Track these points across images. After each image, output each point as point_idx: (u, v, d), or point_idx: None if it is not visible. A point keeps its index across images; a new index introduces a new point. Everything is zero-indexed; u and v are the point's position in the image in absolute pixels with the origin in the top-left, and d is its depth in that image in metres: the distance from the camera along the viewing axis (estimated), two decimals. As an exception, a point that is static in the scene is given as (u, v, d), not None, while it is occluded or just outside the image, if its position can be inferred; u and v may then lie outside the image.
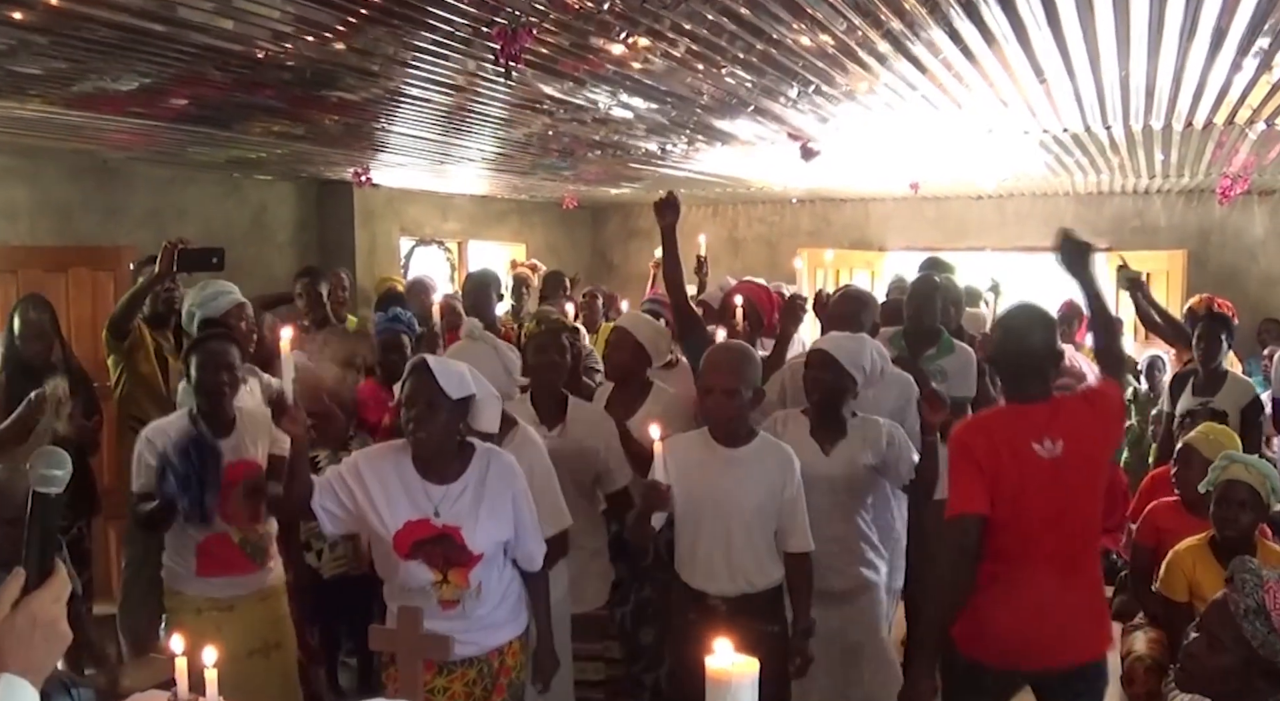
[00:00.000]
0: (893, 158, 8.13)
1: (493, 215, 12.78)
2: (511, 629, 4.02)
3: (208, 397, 4.58)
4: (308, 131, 6.61)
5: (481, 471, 3.87)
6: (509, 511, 3.88)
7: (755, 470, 4.26)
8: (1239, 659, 2.77)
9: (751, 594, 4.24)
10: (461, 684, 3.90)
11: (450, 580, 3.80)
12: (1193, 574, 4.75)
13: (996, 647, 3.91)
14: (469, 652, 3.88)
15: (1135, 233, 11.68)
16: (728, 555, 4.23)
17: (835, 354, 4.68)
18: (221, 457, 4.54)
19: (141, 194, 8.75)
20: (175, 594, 4.63)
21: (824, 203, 13.08)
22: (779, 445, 4.39)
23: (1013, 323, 4.09)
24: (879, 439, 4.69)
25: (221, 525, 4.57)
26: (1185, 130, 6.48)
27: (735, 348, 4.49)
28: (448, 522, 3.77)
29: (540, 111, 5.83)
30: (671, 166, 8.61)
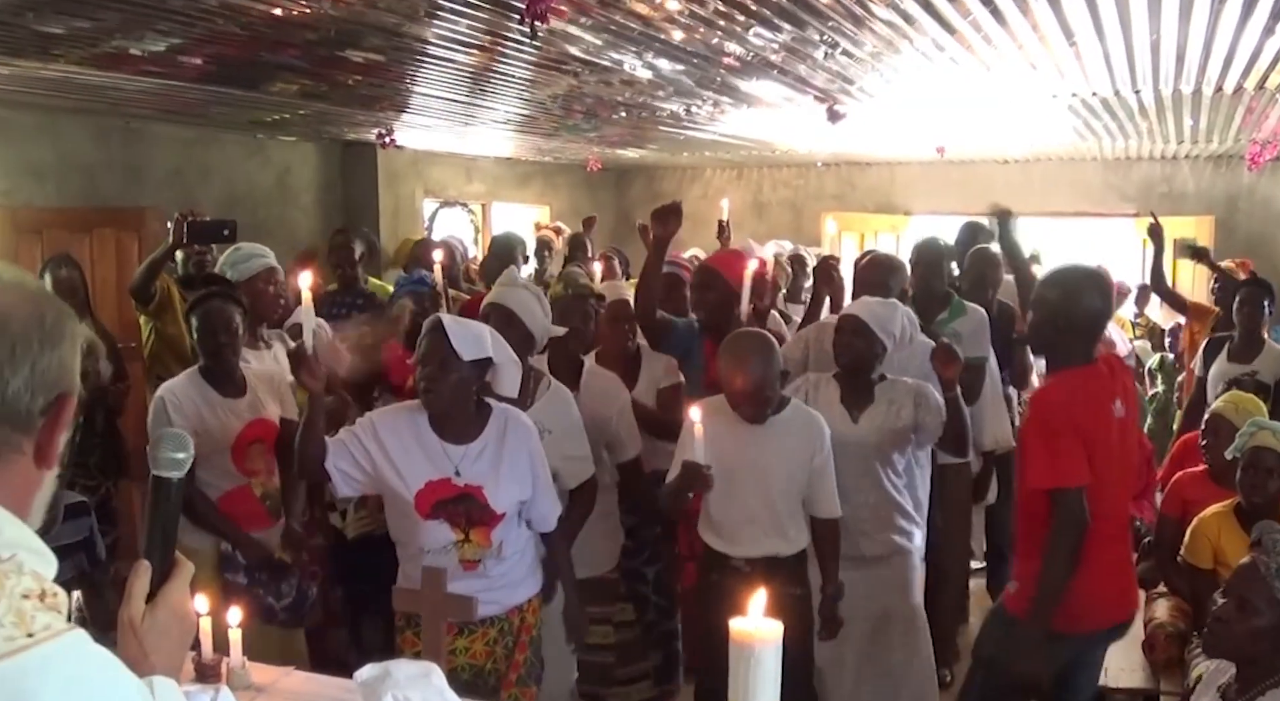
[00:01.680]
0: (919, 121, 8.07)
1: (517, 177, 12.76)
2: (529, 586, 4.04)
3: (210, 357, 4.60)
4: (331, 91, 6.60)
5: (500, 431, 3.86)
6: (527, 471, 3.89)
7: (785, 439, 4.26)
8: (1271, 620, 2.77)
9: (776, 558, 4.24)
10: (483, 643, 3.91)
11: (472, 539, 3.80)
12: (1218, 541, 4.74)
13: (1078, 612, 3.88)
14: (490, 612, 3.88)
15: (1163, 198, 11.59)
16: (754, 520, 4.24)
17: (867, 320, 4.66)
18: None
19: (165, 155, 8.75)
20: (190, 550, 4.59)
21: (849, 166, 13.01)
22: (810, 413, 4.38)
23: (1074, 283, 3.97)
24: (907, 400, 4.68)
25: (243, 478, 4.59)
26: (1215, 95, 6.42)
27: (754, 343, 4.33)
28: (469, 482, 3.77)
29: (565, 72, 5.81)
30: (696, 129, 8.57)
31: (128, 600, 1.70)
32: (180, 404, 4.49)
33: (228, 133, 9.16)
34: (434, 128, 8.62)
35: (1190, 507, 5.05)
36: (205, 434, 4.48)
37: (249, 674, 3.48)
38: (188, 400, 4.51)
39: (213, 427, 4.52)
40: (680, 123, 8.11)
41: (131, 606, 1.69)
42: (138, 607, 1.69)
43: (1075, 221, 12.11)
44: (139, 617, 1.68)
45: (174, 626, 1.71)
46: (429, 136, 9.42)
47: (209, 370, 4.61)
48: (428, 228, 11.21)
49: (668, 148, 10.61)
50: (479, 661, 3.91)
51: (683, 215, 5.40)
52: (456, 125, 8.40)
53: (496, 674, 3.95)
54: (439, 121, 8.15)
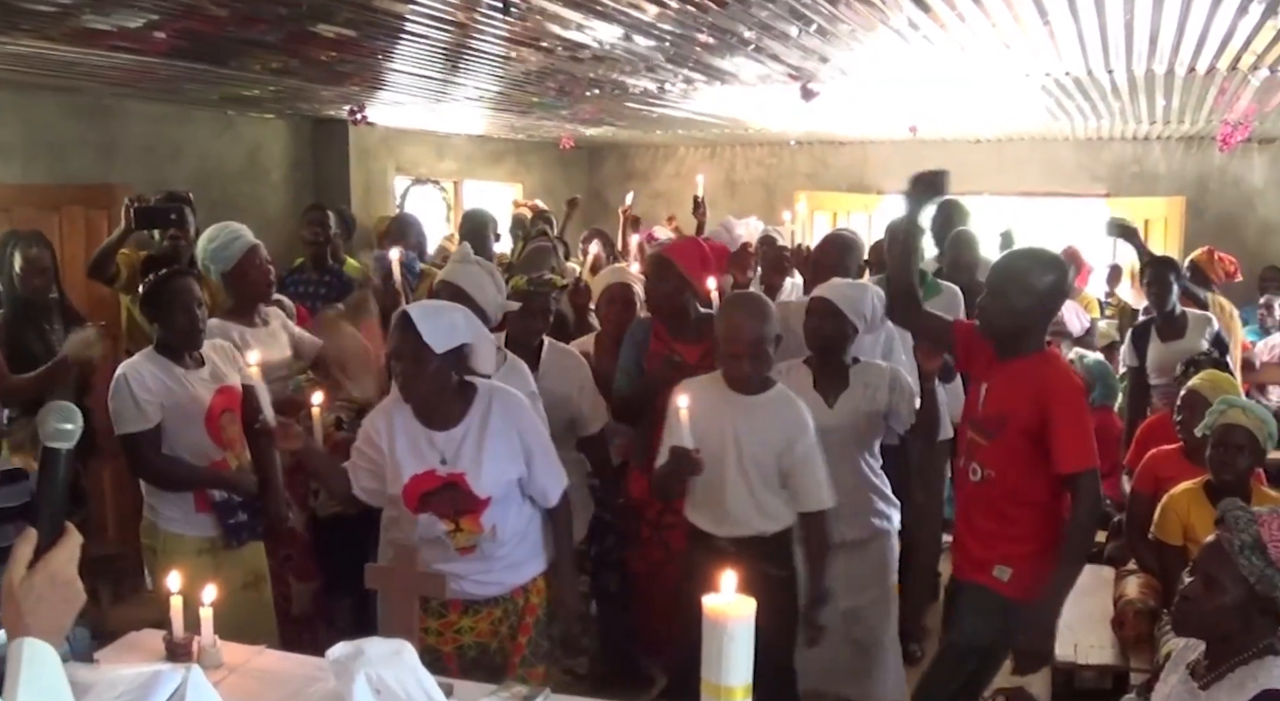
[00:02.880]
0: (892, 100, 8.07)
1: (489, 155, 12.71)
2: (534, 566, 4.05)
3: (182, 334, 4.54)
4: (303, 68, 6.54)
5: (484, 411, 3.85)
6: (517, 448, 3.87)
7: (770, 419, 4.26)
8: (1238, 597, 2.78)
9: (760, 537, 4.25)
10: (488, 623, 3.94)
11: (463, 527, 3.81)
12: (1188, 517, 4.77)
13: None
14: (492, 592, 3.92)
15: (1134, 179, 11.65)
16: (738, 499, 4.24)
17: (838, 302, 4.67)
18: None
19: (135, 131, 8.66)
20: (173, 537, 4.56)
21: (822, 145, 13.02)
22: (794, 401, 4.37)
23: (1059, 266, 4.05)
24: (881, 384, 4.70)
25: (220, 452, 4.57)
26: (1187, 76, 6.43)
27: (753, 308, 4.33)
28: (453, 470, 3.77)
29: (538, 48, 5.77)
30: (669, 106, 8.55)
31: (10, 564, 1.76)
32: (144, 380, 4.43)
33: (198, 109, 9.08)
34: (406, 105, 8.57)
35: (1163, 484, 5.09)
36: (175, 407, 4.46)
37: (220, 652, 3.48)
38: (151, 376, 4.45)
39: (183, 400, 4.48)
40: (653, 100, 8.08)
41: (13, 571, 1.75)
42: (18, 572, 1.75)
43: (1047, 201, 12.14)
44: (17, 582, 1.75)
45: (51, 592, 1.76)
46: (401, 113, 9.37)
47: (165, 346, 4.55)
48: (399, 205, 11.17)
49: (641, 126, 10.59)
50: (485, 640, 3.95)
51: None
52: (429, 102, 8.35)
53: (503, 653, 3.98)
54: (411, 98, 8.11)
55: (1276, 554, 2.73)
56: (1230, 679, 2.78)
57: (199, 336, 4.60)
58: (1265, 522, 2.78)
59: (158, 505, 4.58)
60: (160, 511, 4.57)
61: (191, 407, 4.51)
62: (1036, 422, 3.85)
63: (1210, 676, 2.85)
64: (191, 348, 4.59)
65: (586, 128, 10.92)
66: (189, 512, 4.55)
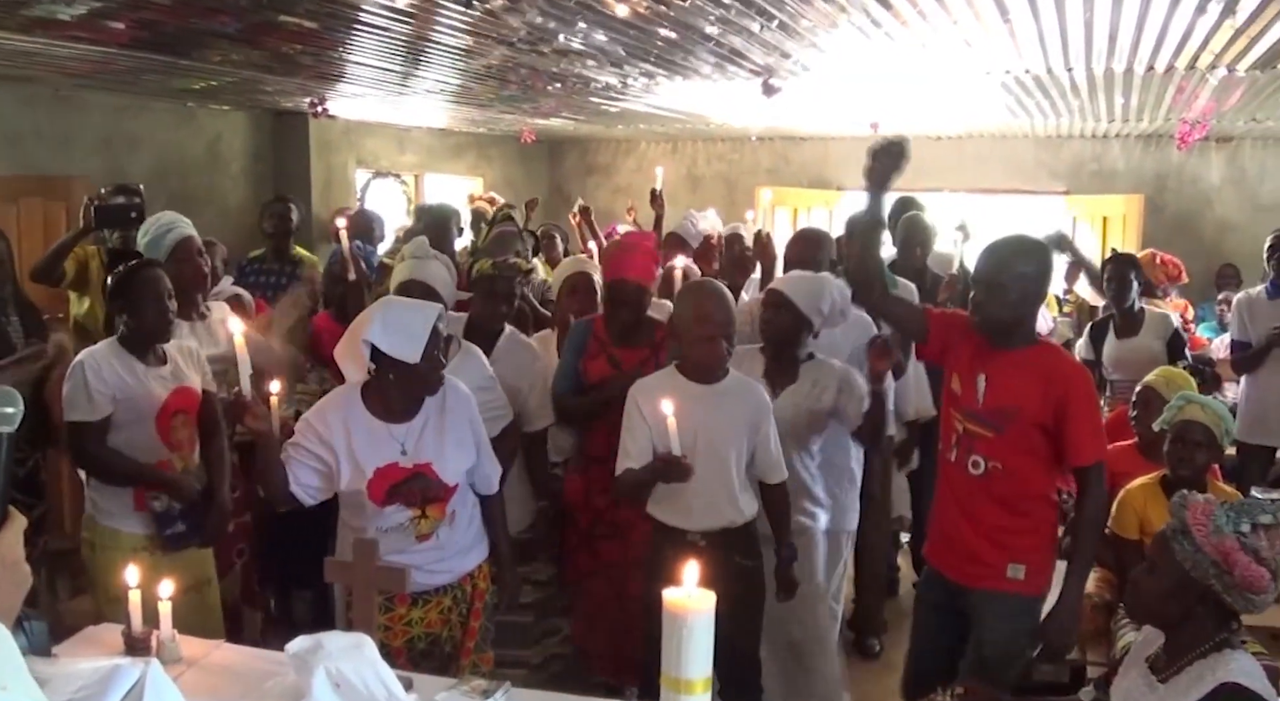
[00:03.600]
0: (854, 96, 8.09)
1: (450, 148, 12.70)
2: (479, 552, 4.09)
3: (154, 328, 4.49)
4: (264, 59, 6.51)
5: (439, 402, 3.89)
6: (470, 437, 3.93)
7: (730, 407, 4.26)
8: (1174, 582, 2.82)
9: (729, 529, 4.26)
10: (438, 612, 3.95)
11: (429, 515, 3.83)
12: (1144, 512, 4.80)
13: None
14: (443, 580, 3.94)
15: (1093, 176, 11.74)
16: (707, 492, 4.22)
17: (792, 296, 4.66)
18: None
19: (94, 122, 8.62)
20: (110, 532, 4.48)
21: (784, 141, 13.07)
22: (751, 384, 4.41)
23: (1043, 254, 4.03)
24: (831, 384, 4.69)
25: (166, 452, 4.52)
26: (1146, 74, 6.47)
27: (717, 291, 4.37)
28: (417, 460, 3.79)
29: (500, 42, 5.76)
30: (631, 101, 8.55)
31: None
32: (100, 371, 4.36)
33: (158, 101, 9.03)
34: (367, 97, 8.54)
35: (1119, 480, 5.11)
36: (128, 402, 4.39)
37: (179, 647, 3.46)
38: (107, 366, 4.38)
39: (138, 396, 4.41)
40: (615, 95, 8.08)
41: None
42: None
43: (1006, 198, 12.19)
44: None
45: (0, 576, 1.76)
46: (362, 106, 9.34)
47: (129, 339, 4.48)
48: (360, 198, 11.13)
49: (602, 120, 10.58)
50: (435, 630, 3.96)
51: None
52: (390, 95, 8.33)
53: (453, 641, 4.00)
54: (372, 91, 8.08)
55: (1200, 537, 2.76)
56: (1188, 672, 2.81)
57: (168, 329, 4.54)
58: (1193, 507, 2.83)
59: (97, 498, 4.50)
60: (99, 505, 4.48)
61: (144, 404, 4.44)
62: (1050, 415, 3.82)
63: (1169, 670, 2.87)
64: (160, 340, 4.53)
65: (548, 122, 10.91)
66: (127, 509, 4.46)
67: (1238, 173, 11.47)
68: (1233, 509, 2.80)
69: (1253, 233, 10.83)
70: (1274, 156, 11.32)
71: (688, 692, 2.26)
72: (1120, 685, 3.09)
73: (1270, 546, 2.75)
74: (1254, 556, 2.73)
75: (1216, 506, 2.81)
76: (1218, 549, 2.74)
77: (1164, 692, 2.86)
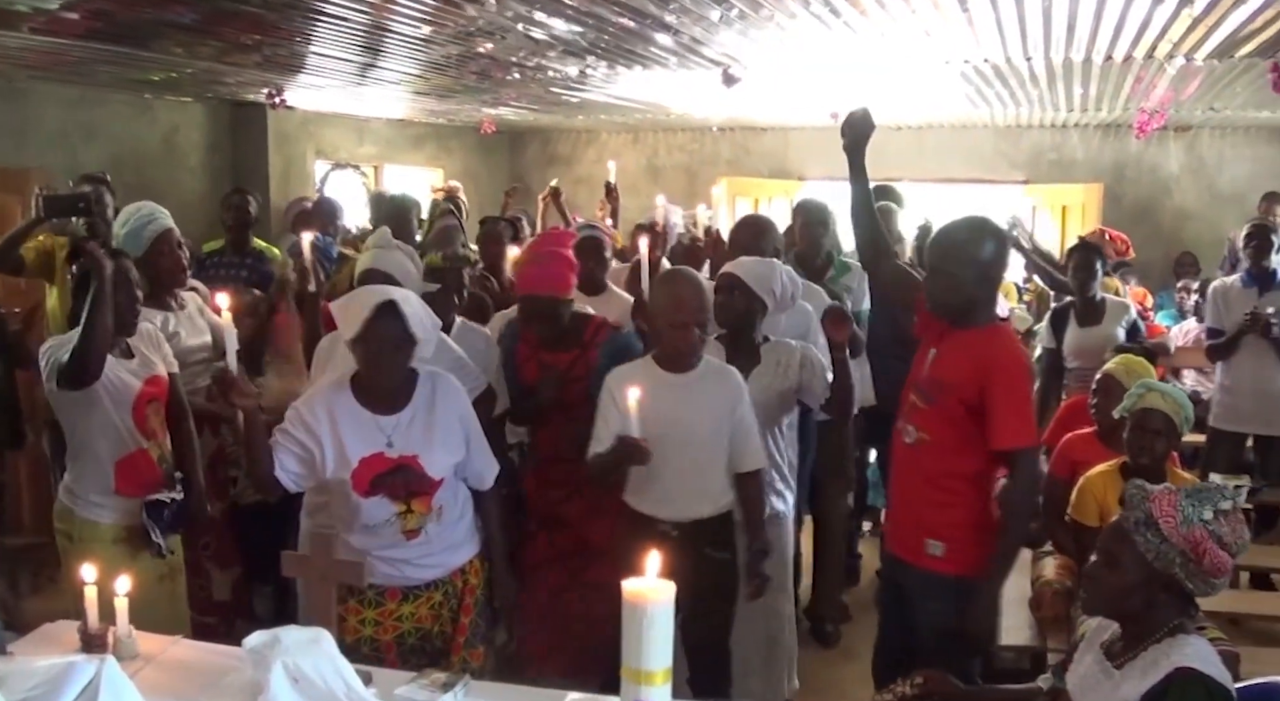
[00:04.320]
0: (814, 87, 8.09)
1: (409, 139, 12.65)
2: (470, 548, 4.05)
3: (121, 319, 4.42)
4: (221, 50, 6.46)
5: (428, 396, 3.85)
6: (459, 432, 3.89)
7: (706, 394, 4.25)
8: (1138, 575, 2.81)
9: (702, 520, 4.24)
10: (428, 607, 3.92)
11: (414, 509, 3.79)
12: (1104, 499, 4.82)
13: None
14: (433, 575, 3.92)
15: (1052, 166, 11.79)
16: (681, 481, 4.22)
17: (744, 277, 4.67)
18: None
19: (50, 115, 8.54)
20: (89, 524, 4.41)
21: (744, 131, 13.07)
22: (725, 368, 4.40)
23: (998, 235, 4.02)
24: (792, 362, 4.70)
25: (143, 441, 4.48)
26: (1105, 63, 6.50)
27: (692, 279, 4.38)
28: (403, 453, 3.76)
29: (459, 31, 5.73)
30: (591, 91, 8.53)
31: None
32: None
33: (114, 92, 8.95)
34: (325, 88, 8.49)
35: (1079, 468, 5.14)
36: (103, 389, 4.33)
37: (136, 643, 3.43)
38: None
39: (113, 386, 4.35)
40: (575, 85, 8.06)
41: None
42: None
43: (966, 188, 12.23)
44: None
45: None
46: (320, 97, 9.29)
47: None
48: (319, 190, 11.07)
49: (562, 111, 10.56)
50: (425, 625, 3.94)
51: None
52: (348, 85, 8.29)
53: (444, 637, 3.98)
54: (330, 82, 8.04)
55: (1168, 529, 2.76)
56: (1143, 657, 2.81)
57: (135, 319, 4.49)
58: (1156, 499, 2.82)
59: (75, 487, 4.45)
60: (78, 494, 4.42)
61: (119, 394, 4.36)
62: (975, 395, 3.83)
63: (1124, 656, 2.88)
64: (125, 333, 4.47)
65: (508, 112, 10.87)
66: (107, 493, 4.40)
67: (1196, 161, 11.55)
68: (1195, 496, 2.81)
69: (1211, 221, 10.94)
70: (1232, 145, 11.41)
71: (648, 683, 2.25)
72: (1075, 670, 3.09)
73: (1232, 531, 2.76)
74: (1219, 543, 2.74)
75: (1180, 496, 2.81)
76: (1187, 539, 2.74)
77: (1119, 678, 2.86)
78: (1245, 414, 6.94)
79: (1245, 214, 10.14)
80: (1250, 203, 10.10)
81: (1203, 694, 2.66)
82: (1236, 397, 6.98)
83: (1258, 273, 6.96)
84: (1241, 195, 10.90)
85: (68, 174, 7.99)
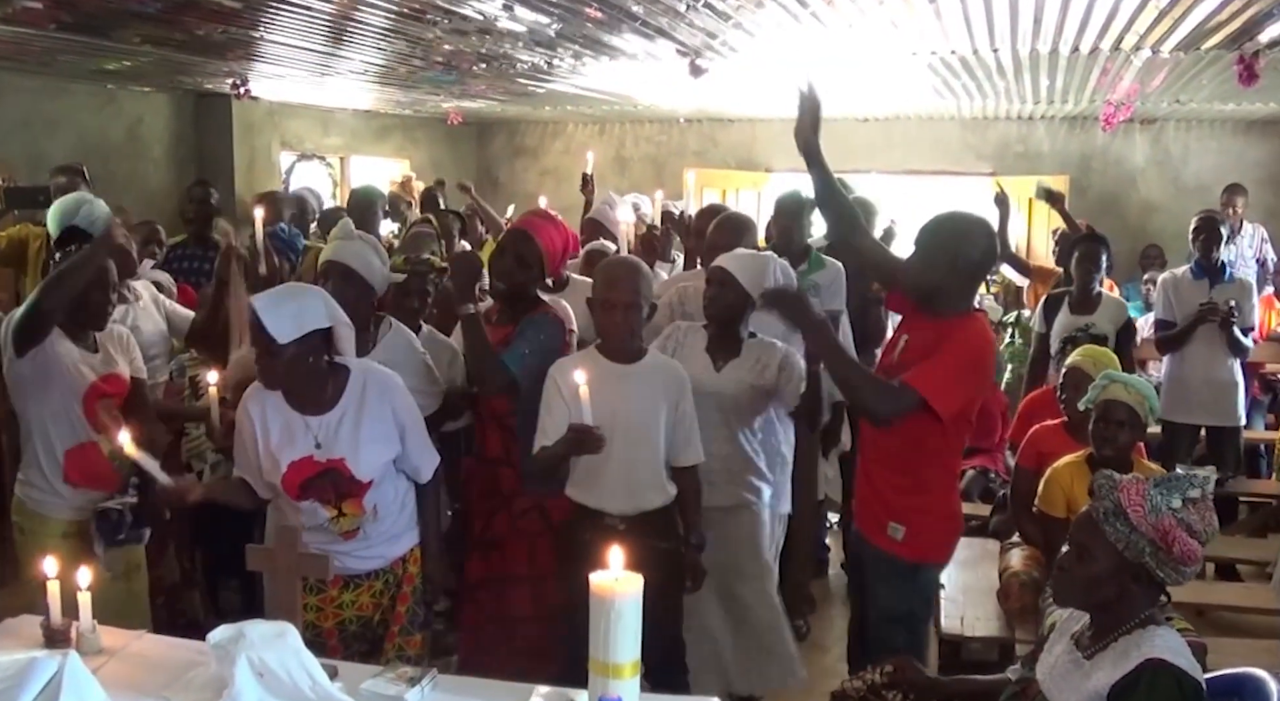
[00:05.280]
0: (781, 78, 8.08)
1: (375, 130, 12.60)
2: (410, 537, 4.04)
3: (94, 313, 4.40)
4: (184, 39, 6.41)
5: (358, 393, 3.80)
6: (391, 428, 3.84)
7: (649, 386, 4.24)
8: (1109, 565, 2.82)
9: (648, 511, 4.24)
10: (369, 595, 3.92)
11: (346, 512, 3.77)
12: (1071, 490, 4.83)
13: (950, 544, 4.14)
14: (373, 565, 3.91)
15: (1018, 158, 11.82)
16: (627, 473, 4.21)
17: (735, 272, 4.66)
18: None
19: (11, 105, 8.46)
20: (39, 517, 4.39)
21: (711, 123, 13.06)
22: (669, 362, 4.40)
23: (963, 228, 4.01)
24: (771, 363, 4.69)
25: (92, 434, 4.44)
26: (1071, 55, 6.52)
27: (629, 262, 4.44)
28: (330, 456, 3.72)
29: (424, 21, 5.70)
30: (558, 82, 8.51)
31: None
32: None
33: (77, 82, 8.88)
34: (290, 78, 8.44)
35: (1046, 459, 5.15)
36: (57, 378, 4.29)
37: (99, 638, 3.39)
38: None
39: (66, 372, 4.31)
40: (541, 75, 8.04)
41: None
42: None
43: (933, 180, 12.25)
44: None
45: None
46: (285, 87, 9.23)
47: (65, 322, 4.36)
48: (285, 181, 11.02)
49: (529, 101, 10.53)
50: (366, 613, 3.94)
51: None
52: (314, 76, 8.24)
53: (385, 624, 3.98)
54: (295, 72, 7.99)
55: (1137, 518, 2.77)
56: (1114, 648, 2.81)
57: (107, 315, 4.47)
58: (1124, 488, 2.82)
59: (26, 474, 4.41)
60: (29, 483, 4.39)
61: (71, 383, 4.33)
62: None
63: (1094, 647, 2.88)
64: (96, 327, 4.45)
65: (475, 103, 10.84)
66: (55, 482, 4.36)
67: (1162, 154, 11.60)
68: (1163, 486, 2.81)
69: (1176, 213, 10.97)
70: (1197, 138, 11.47)
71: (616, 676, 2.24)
72: (1045, 661, 3.09)
73: (1201, 519, 2.77)
74: (1188, 531, 2.74)
75: (1148, 485, 2.82)
76: (1155, 528, 2.75)
77: (1089, 669, 2.86)
78: (1196, 405, 6.99)
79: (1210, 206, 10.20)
80: (1215, 195, 10.14)
81: (1173, 684, 2.67)
82: (1187, 389, 7.03)
83: (1207, 265, 7.01)
84: (1206, 188, 10.92)
85: (31, 165, 7.94)
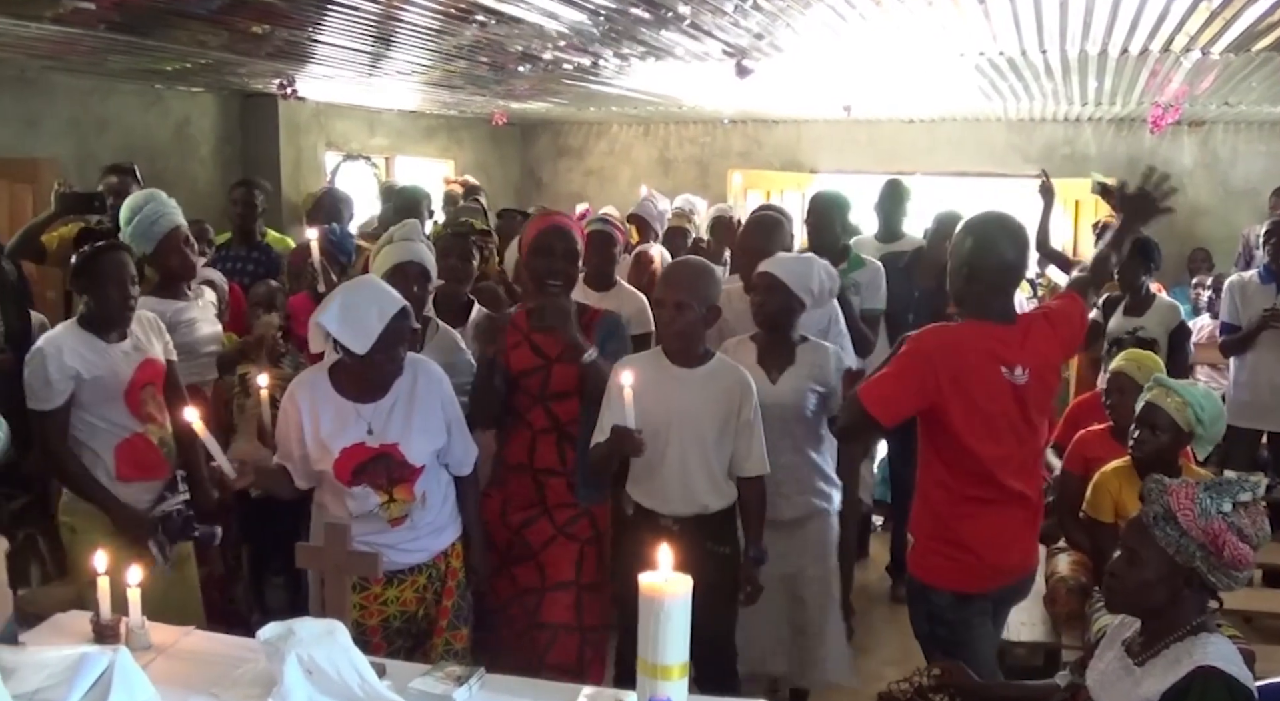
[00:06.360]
0: (827, 79, 8.07)
1: (421, 131, 12.63)
2: (453, 531, 4.09)
3: (116, 312, 4.44)
4: (232, 40, 6.45)
5: (410, 383, 3.88)
6: (440, 419, 3.92)
7: (710, 391, 4.20)
8: (1160, 570, 2.80)
9: (705, 515, 4.21)
10: (413, 591, 3.95)
11: (396, 498, 3.82)
12: (1119, 495, 4.80)
13: (979, 574, 3.88)
14: (417, 560, 3.94)
15: (1065, 160, 11.73)
16: (682, 475, 4.18)
17: (783, 276, 4.63)
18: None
19: (61, 105, 8.54)
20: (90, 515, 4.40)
21: (756, 124, 13.04)
22: (735, 367, 4.33)
23: (987, 232, 3.90)
24: (826, 365, 4.67)
25: (139, 425, 4.47)
26: (1120, 57, 6.47)
27: (692, 262, 4.41)
28: (384, 441, 3.78)
29: (471, 21, 5.71)
30: (603, 82, 8.51)
31: None
32: (61, 356, 4.28)
33: (125, 82, 8.95)
34: (337, 79, 8.47)
35: (1092, 465, 5.12)
36: (96, 381, 4.33)
37: (148, 634, 3.42)
38: (69, 350, 4.31)
39: (103, 374, 4.36)
40: (587, 76, 8.04)
41: None
42: None
43: (979, 181, 12.19)
44: None
45: None
46: (332, 88, 9.27)
47: (89, 319, 4.42)
48: (330, 181, 11.07)
49: (574, 102, 10.54)
50: (410, 608, 3.96)
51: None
52: (360, 76, 8.27)
53: (428, 619, 4.00)
54: (342, 72, 8.01)
55: (1187, 522, 2.75)
56: (1165, 656, 2.80)
57: (129, 313, 4.49)
58: (1174, 492, 2.81)
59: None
60: None
61: (111, 382, 4.38)
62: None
63: (1145, 653, 2.87)
64: (120, 324, 4.48)
65: (519, 104, 10.85)
66: (109, 483, 4.40)
67: (1210, 156, 11.48)
68: (1213, 489, 2.79)
69: (1224, 217, 10.89)
70: (1246, 140, 11.35)
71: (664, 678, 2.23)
72: (1096, 667, 3.08)
73: (1253, 523, 2.75)
74: (1239, 535, 2.73)
75: (1198, 489, 2.80)
76: (1206, 531, 2.73)
77: (1140, 676, 2.85)
78: (1261, 410, 6.91)
79: (1258, 209, 10.12)
80: (1264, 198, 10.05)
81: (1224, 692, 2.65)
82: (1252, 393, 6.95)
83: (1277, 269, 6.92)
84: (1255, 191, 10.84)
85: (79, 164, 8.01)
